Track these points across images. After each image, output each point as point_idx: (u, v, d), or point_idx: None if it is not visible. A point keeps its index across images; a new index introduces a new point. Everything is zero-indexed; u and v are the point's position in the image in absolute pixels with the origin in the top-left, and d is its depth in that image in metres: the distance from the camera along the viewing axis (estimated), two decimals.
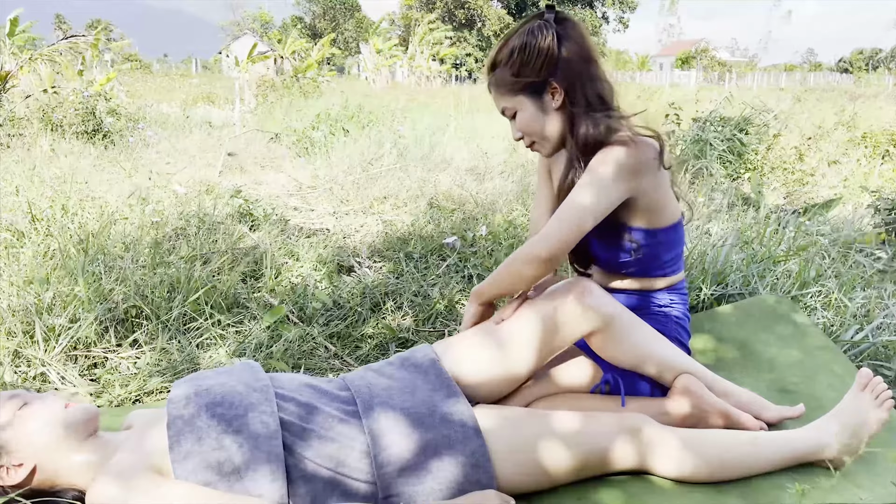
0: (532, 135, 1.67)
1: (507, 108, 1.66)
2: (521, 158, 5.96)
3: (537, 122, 1.64)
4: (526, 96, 1.62)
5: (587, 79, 1.59)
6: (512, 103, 1.65)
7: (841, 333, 2.27)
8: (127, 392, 1.99)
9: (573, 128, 1.62)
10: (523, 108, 1.64)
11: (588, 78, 1.59)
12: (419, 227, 3.61)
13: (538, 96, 1.61)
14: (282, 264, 3.00)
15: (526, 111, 1.64)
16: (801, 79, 22.18)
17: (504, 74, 1.62)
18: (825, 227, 3.58)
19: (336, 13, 54.81)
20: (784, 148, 5.59)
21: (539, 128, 1.65)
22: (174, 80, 19.27)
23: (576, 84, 1.58)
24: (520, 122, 1.65)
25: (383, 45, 25.05)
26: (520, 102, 1.63)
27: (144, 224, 3.20)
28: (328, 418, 1.34)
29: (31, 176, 4.00)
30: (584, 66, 1.59)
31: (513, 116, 1.67)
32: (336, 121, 6.95)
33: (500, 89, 1.65)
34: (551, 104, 1.62)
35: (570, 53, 1.57)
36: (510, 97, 1.64)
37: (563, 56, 1.57)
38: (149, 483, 1.18)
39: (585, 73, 1.59)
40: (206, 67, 39.00)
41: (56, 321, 2.14)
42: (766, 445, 1.46)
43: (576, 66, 1.58)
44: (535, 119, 1.64)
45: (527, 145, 1.71)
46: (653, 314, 1.71)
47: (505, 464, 1.35)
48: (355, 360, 2.29)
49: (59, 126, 6.27)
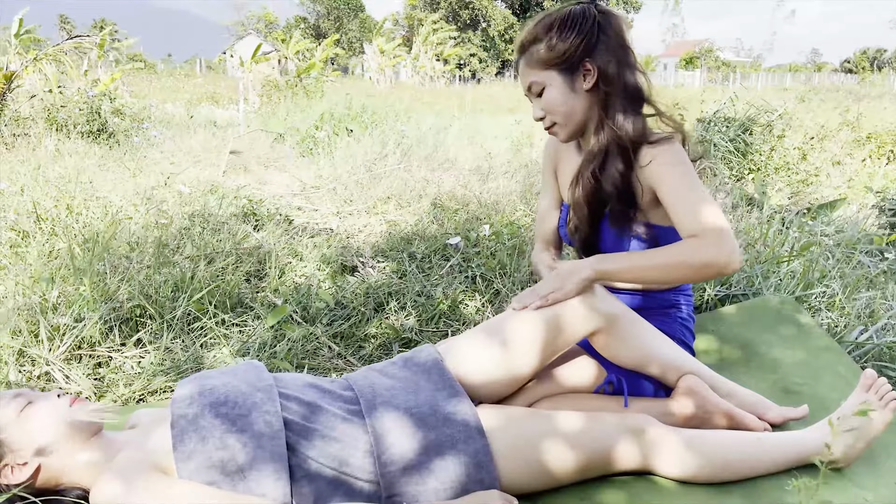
0: (555, 114, 1.62)
1: (535, 82, 1.61)
2: (525, 158, 5.97)
3: (565, 101, 1.60)
4: (558, 72, 1.58)
5: (624, 66, 1.57)
6: (541, 77, 1.60)
7: (845, 334, 2.26)
8: (131, 391, 2.00)
9: (607, 112, 1.59)
10: (552, 84, 1.59)
11: (626, 65, 1.57)
12: (423, 227, 3.61)
13: (570, 74, 1.58)
14: (285, 264, 3.00)
15: (555, 87, 1.59)
16: (806, 79, 22.13)
17: (538, 48, 1.58)
18: (829, 228, 3.57)
19: (340, 13, 54.84)
20: (788, 148, 5.58)
21: (565, 107, 1.61)
22: (178, 80, 19.31)
23: (610, 68, 1.56)
24: (546, 98, 1.61)
25: (387, 45, 25.07)
26: (550, 77, 1.59)
27: (149, 224, 3.21)
28: (332, 418, 1.34)
29: (36, 176, 4.01)
30: (622, 53, 1.57)
31: (539, 93, 1.62)
32: (340, 121, 6.96)
33: (531, 63, 1.60)
34: (582, 85, 1.58)
35: (608, 38, 1.55)
36: (540, 71, 1.59)
37: (601, 38, 1.55)
38: (152, 482, 1.19)
39: (623, 59, 1.57)
40: (210, 67, 39.03)
41: (61, 320, 2.15)
42: (769, 446, 1.46)
43: (613, 52, 1.56)
44: (563, 97, 1.60)
45: (546, 126, 1.67)
46: (657, 314, 1.71)
47: (508, 463, 1.35)
48: (359, 360, 2.29)
49: (64, 126, 6.29)
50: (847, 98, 9.69)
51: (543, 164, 1.92)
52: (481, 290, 2.76)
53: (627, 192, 1.61)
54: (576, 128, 1.65)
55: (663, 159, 1.54)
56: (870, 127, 6.78)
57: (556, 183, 1.88)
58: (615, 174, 1.60)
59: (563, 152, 1.85)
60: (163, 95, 13.22)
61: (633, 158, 1.59)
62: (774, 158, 5.39)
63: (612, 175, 1.61)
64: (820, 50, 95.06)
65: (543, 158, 1.93)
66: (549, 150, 1.90)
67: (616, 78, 1.56)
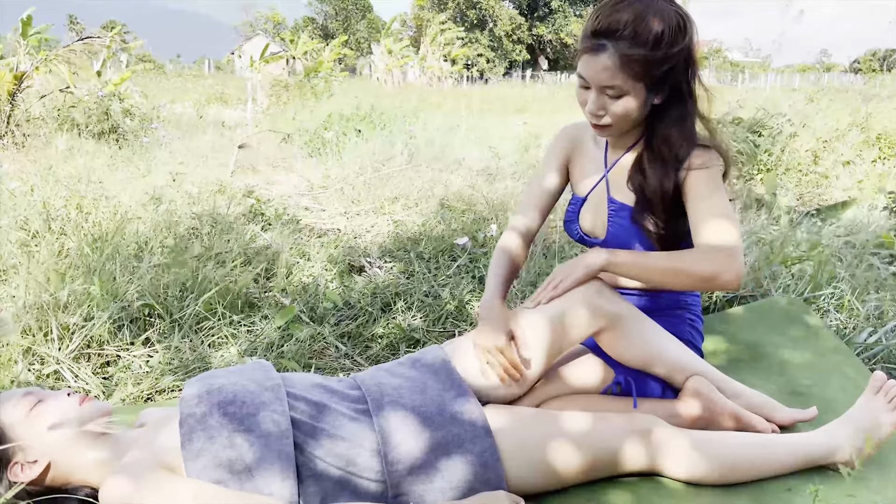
0: (619, 120, 1.54)
1: (616, 86, 1.48)
2: (532, 159, 5.96)
3: (636, 114, 1.53)
4: (646, 87, 1.49)
5: (693, 82, 1.53)
6: (627, 87, 1.48)
7: (854, 336, 2.25)
8: (139, 390, 2.01)
9: (662, 122, 1.55)
10: (636, 97, 1.50)
11: (694, 81, 1.54)
12: (430, 227, 3.61)
13: (654, 91, 1.51)
14: (293, 264, 3.01)
15: (637, 100, 1.50)
16: (815, 79, 21.99)
17: (636, 53, 1.43)
18: (839, 230, 3.55)
19: (348, 14, 54.95)
20: (798, 150, 5.55)
21: (632, 118, 1.54)
22: (187, 81, 19.37)
23: (683, 87, 1.52)
24: (621, 104, 1.50)
25: (395, 45, 25.09)
26: (637, 90, 1.49)
27: (158, 224, 3.23)
28: (339, 417, 1.35)
29: (46, 175, 4.03)
30: (694, 69, 1.53)
31: (616, 96, 1.50)
32: (349, 120, 6.97)
33: (623, 66, 1.45)
34: (654, 99, 1.54)
35: (690, 54, 1.50)
36: (629, 80, 1.47)
37: (692, 58, 1.50)
38: (161, 481, 1.19)
39: (693, 75, 1.53)
40: (218, 68, 39.19)
41: (70, 319, 2.16)
42: (777, 448, 1.46)
43: (691, 70, 1.52)
44: (637, 111, 1.52)
45: (598, 123, 1.56)
46: (665, 315, 1.71)
47: (515, 463, 1.35)
48: (366, 360, 2.29)
49: (75, 126, 6.32)
50: (856, 98, 9.62)
51: (554, 147, 1.84)
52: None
53: (664, 201, 1.59)
54: (626, 130, 1.61)
55: (697, 166, 1.54)
56: (880, 128, 6.73)
57: (564, 169, 1.84)
58: (655, 183, 1.57)
59: (583, 146, 1.80)
60: (171, 96, 13.27)
61: (675, 170, 1.56)
62: (784, 160, 5.37)
63: (652, 184, 1.58)
64: (829, 50, 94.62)
65: (556, 142, 1.84)
66: (568, 139, 1.83)
67: (687, 94, 1.54)
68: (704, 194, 1.51)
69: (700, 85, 1.56)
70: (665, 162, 1.56)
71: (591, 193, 1.76)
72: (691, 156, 1.55)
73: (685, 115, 1.56)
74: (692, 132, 1.57)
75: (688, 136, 1.56)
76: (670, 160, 1.56)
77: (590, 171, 1.77)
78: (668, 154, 1.56)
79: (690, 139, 1.56)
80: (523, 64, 49.70)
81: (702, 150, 1.56)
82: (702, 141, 1.58)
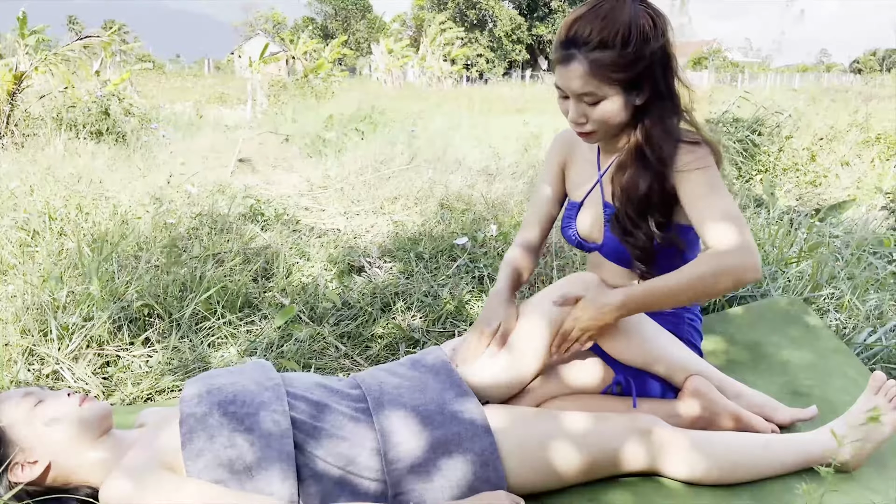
0: (601, 126, 1.52)
1: (591, 92, 1.47)
2: (533, 159, 5.96)
3: (618, 118, 1.50)
4: (621, 90, 1.47)
5: (671, 77, 1.51)
6: (602, 92, 1.46)
7: (854, 336, 2.25)
8: (139, 390, 2.01)
9: (646, 123, 1.53)
10: (612, 101, 1.48)
11: (673, 77, 1.52)
12: (429, 227, 3.61)
13: (631, 92, 1.49)
14: (293, 264, 3.01)
15: (614, 105, 1.48)
16: (815, 79, 21.98)
17: (605, 56, 1.42)
18: (838, 229, 3.55)
19: (348, 14, 54.95)
20: (797, 149, 5.56)
21: (615, 122, 1.51)
22: (187, 81, 19.38)
23: (661, 85, 1.50)
24: (600, 110, 1.49)
25: (395, 45, 25.09)
26: (613, 94, 1.47)
27: (158, 224, 3.23)
28: (339, 416, 1.35)
29: (45, 175, 4.03)
30: (671, 64, 1.51)
31: (593, 103, 1.49)
32: (349, 121, 6.98)
33: (594, 71, 1.44)
34: (635, 100, 1.51)
35: (665, 49, 1.48)
36: (603, 85, 1.45)
37: (664, 52, 1.48)
38: (161, 480, 1.19)
39: (671, 71, 1.51)
40: (218, 68, 39.17)
41: (70, 319, 2.16)
42: (777, 448, 1.46)
43: (669, 68, 1.50)
44: (618, 114, 1.50)
45: (581, 131, 1.56)
46: (665, 315, 1.71)
47: (515, 463, 1.35)
48: (365, 360, 2.29)
49: (74, 126, 6.32)
50: (856, 98, 9.64)
51: (549, 156, 1.84)
52: (488, 290, 2.76)
53: (651, 202, 1.57)
54: (611, 135, 1.59)
55: (688, 166, 1.51)
56: (879, 128, 6.73)
57: (560, 178, 1.84)
58: (643, 185, 1.55)
59: (576, 152, 1.79)
60: (171, 96, 13.28)
61: (664, 168, 1.54)
62: (783, 159, 5.37)
63: (638, 185, 1.56)
64: (829, 50, 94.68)
65: (550, 151, 1.85)
66: (561, 145, 1.83)
67: (666, 92, 1.52)
68: (702, 193, 1.48)
69: (679, 81, 1.54)
70: (647, 161, 1.54)
71: (586, 199, 1.75)
72: (678, 155, 1.52)
73: (666, 113, 1.53)
74: (675, 130, 1.54)
75: (670, 134, 1.54)
76: (653, 160, 1.53)
77: (584, 177, 1.76)
78: (650, 154, 1.53)
79: (674, 137, 1.53)
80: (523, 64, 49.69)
81: (689, 146, 1.53)
82: (687, 137, 1.54)
